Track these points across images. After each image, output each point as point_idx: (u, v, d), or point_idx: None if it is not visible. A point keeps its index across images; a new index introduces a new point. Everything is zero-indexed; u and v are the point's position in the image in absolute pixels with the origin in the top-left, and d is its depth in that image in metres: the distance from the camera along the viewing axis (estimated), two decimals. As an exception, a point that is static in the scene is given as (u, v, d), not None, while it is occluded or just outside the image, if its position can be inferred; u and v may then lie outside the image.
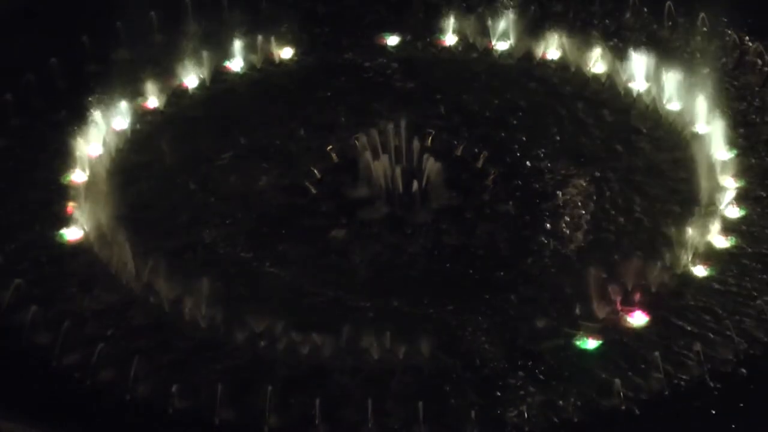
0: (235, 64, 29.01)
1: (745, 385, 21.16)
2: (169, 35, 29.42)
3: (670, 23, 29.72)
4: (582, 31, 29.61)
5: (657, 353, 21.39)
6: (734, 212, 24.60)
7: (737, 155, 25.84)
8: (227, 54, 28.97)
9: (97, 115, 26.70)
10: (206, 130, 27.35)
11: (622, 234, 24.34)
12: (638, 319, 22.26)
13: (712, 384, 21.05)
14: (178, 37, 29.28)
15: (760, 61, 28.25)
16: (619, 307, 22.37)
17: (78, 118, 26.72)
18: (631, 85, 27.93)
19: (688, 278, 23.22)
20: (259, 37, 29.22)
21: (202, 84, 28.48)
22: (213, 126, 27.47)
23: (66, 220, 24.53)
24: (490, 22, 29.57)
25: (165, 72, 28.30)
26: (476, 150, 26.27)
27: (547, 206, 25.08)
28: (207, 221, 24.84)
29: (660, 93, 27.24)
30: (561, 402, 20.79)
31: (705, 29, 29.20)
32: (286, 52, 29.42)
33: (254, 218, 25.00)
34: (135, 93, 27.60)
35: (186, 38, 29.19)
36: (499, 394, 20.98)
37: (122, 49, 28.91)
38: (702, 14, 29.26)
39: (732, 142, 26.06)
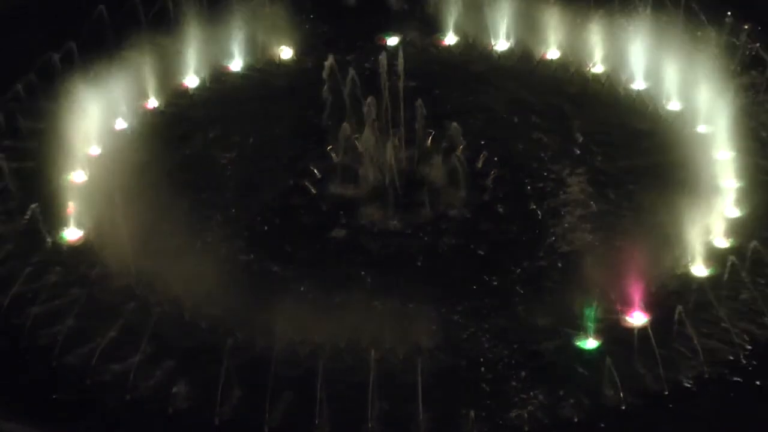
0: (235, 64, 29.00)
1: (744, 385, 21.16)
2: (170, 36, 29.40)
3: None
4: (582, 31, 29.59)
5: (657, 353, 21.40)
6: (734, 212, 24.61)
7: (737, 155, 25.86)
8: (227, 54, 28.97)
9: (97, 115, 26.71)
10: (206, 130, 27.33)
11: (622, 234, 24.33)
12: (638, 319, 22.27)
13: (711, 384, 21.07)
14: (179, 37, 29.28)
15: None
16: (619, 307, 22.38)
17: (78, 118, 26.71)
18: (631, 85, 27.96)
19: (688, 278, 23.23)
20: (259, 37, 29.23)
21: (202, 84, 28.47)
22: (213, 126, 27.46)
23: (66, 220, 24.52)
24: (490, 22, 29.58)
25: (166, 72, 28.32)
26: (476, 150, 26.26)
27: (547, 206, 25.09)
28: (207, 221, 24.84)
29: (661, 93, 27.32)
30: (561, 402, 20.81)
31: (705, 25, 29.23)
32: (286, 52, 29.40)
33: (254, 218, 25.00)
34: (135, 93, 27.59)
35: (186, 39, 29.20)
36: (499, 393, 20.99)
37: (122, 49, 28.86)
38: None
39: (732, 142, 26.08)
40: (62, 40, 28.51)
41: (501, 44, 29.43)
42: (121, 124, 27.13)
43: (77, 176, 25.76)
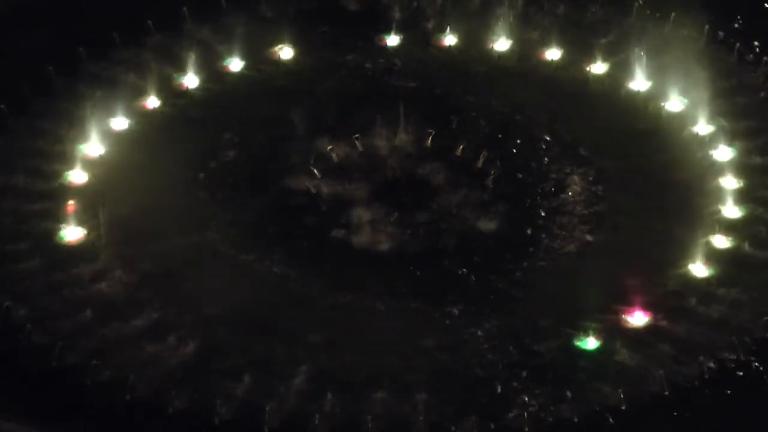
0: (235, 64, 28.98)
1: (744, 385, 21.17)
2: (170, 35, 29.35)
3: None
4: (582, 31, 29.55)
5: (657, 354, 21.41)
6: (734, 212, 24.62)
7: (737, 155, 25.86)
8: (227, 54, 28.94)
9: (97, 114, 26.69)
10: (206, 130, 27.31)
11: (622, 234, 24.35)
12: (638, 319, 22.28)
13: (711, 384, 21.07)
14: (179, 37, 29.23)
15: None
16: (619, 306, 22.38)
17: (78, 118, 26.68)
18: (631, 85, 27.95)
19: (688, 278, 23.23)
20: (259, 38, 29.20)
21: (202, 84, 28.45)
22: (213, 126, 27.44)
23: (66, 220, 24.51)
24: (490, 23, 29.54)
25: (166, 72, 28.28)
26: (476, 150, 26.26)
27: (547, 206, 25.09)
28: (207, 221, 24.84)
29: (661, 93, 27.30)
30: (561, 402, 20.81)
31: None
32: (286, 52, 29.40)
33: (254, 219, 25.00)
34: (135, 93, 27.57)
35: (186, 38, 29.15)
36: (499, 394, 20.99)
37: (122, 48, 28.82)
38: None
39: (732, 142, 26.08)
40: (62, 40, 28.46)
41: (501, 44, 29.39)
42: (121, 124, 27.09)
43: (77, 176, 25.74)
